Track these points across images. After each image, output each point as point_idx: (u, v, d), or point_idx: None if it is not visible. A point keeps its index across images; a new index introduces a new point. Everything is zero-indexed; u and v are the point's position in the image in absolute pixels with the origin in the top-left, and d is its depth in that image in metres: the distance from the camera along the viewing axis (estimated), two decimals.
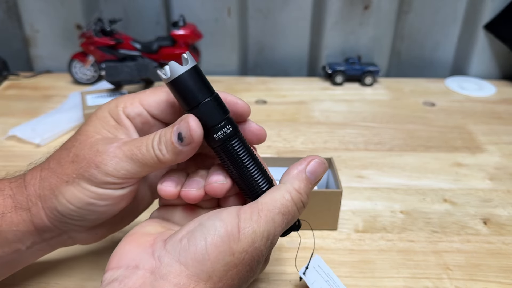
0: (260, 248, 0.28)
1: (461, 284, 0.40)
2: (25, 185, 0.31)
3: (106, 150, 0.29)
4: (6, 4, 0.86)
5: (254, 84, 0.83)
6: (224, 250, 0.26)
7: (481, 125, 0.69)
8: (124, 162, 0.29)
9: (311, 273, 0.39)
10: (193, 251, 0.26)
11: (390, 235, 0.46)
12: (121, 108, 0.31)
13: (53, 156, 0.32)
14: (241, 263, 0.27)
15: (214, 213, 0.28)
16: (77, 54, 0.80)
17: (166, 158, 0.29)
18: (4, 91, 0.79)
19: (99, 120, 0.31)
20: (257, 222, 0.27)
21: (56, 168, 0.31)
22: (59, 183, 0.30)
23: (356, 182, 0.55)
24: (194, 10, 0.84)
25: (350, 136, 0.65)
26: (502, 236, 0.46)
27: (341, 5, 0.83)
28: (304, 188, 0.30)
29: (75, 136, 0.32)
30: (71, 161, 0.30)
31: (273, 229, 0.28)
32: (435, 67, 0.91)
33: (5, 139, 0.63)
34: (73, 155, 0.30)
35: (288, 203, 0.29)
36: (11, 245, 0.31)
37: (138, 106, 0.31)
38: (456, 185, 0.54)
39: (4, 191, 0.31)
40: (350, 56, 0.86)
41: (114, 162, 0.29)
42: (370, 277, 0.41)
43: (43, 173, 0.31)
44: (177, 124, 0.29)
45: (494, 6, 0.81)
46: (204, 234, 0.27)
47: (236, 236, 0.27)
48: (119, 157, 0.29)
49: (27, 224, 0.31)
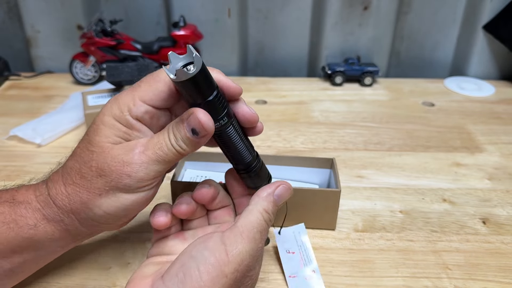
0: (249, 264, 0.31)
1: (460, 284, 0.40)
2: (52, 200, 0.32)
3: (131, 159, 0.31)
4: (7, 4, 0.87)
5: (254, 85, 0.83)
6: (217, 275, 0.29)
7: (480, 125, 0.69)
8: (151, 165, 0.31)
9: (287, 235, 0.43)
10: (189, 281, 0.29)
11: (390, 234, 0.46)
12: (126, 111, 0.31)
13: (71, 170, 0.32)
14: (234, 281, 0.30)
15: (200, 242, 0.31)
16: (78, 55, 0.80)
17: (187, 151, 0.32)
18: (5, 91, 0.79)
19: (109, 128, 0.31)
20: (241, 243, 0.31)
21: (83, 183, 0.32)
22: (92, 197, 0.31)
23: (355, 182, 0.55)
24: (194, 11, 0.84)
25: (349, 136, 0.65)
26: (501, 235, 0.46)
27: (340, 6, 0.83)
28: (272, 209, 0.34)
29: (88, 147, 0.32)
30: (98, 175, 0.31)
31: (255, 246, 0.32)
32: (434, 68, 0.91)
33: (6, 139, 0.63)
34: (97, 168, 0.31)
35: (262, 222, 0.33)
36: (47, 248, 0.34)
37: (141, 104, 0.31)
38: (455, 185, 0.54)
39: (32, 204, 0.33)
40: (349, 56, 0.87)
41: (143, 168, 0.31)
42: (370, 277, 0.41)
43: (69, 189, 0.32)
44: (186, 120, 0.31)
45: (493, 7, 0.81)
46: (196, 265, 0.30)
47: (225, 260, 0.30)
48: (147, 162, 0.31)
49: (61, 232, 0.33)
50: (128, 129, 0.32)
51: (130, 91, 0.32)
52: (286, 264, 0.41)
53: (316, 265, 0.41)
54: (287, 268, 0.40)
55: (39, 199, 0.33)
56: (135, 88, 0.32)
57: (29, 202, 0.33)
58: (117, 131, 0.31)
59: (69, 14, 0.84)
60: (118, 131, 0.31)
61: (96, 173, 0.31)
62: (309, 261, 0.41)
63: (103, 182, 0.31)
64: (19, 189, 0.34)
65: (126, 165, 0.31)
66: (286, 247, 0.42)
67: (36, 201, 0.33)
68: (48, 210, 0.32)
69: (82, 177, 0.32)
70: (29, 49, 0.88)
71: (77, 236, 0.34)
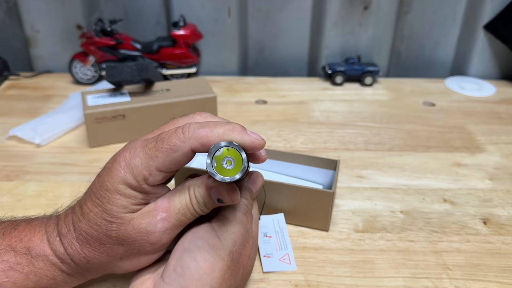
0: (242, 243, 0.33)
1: (460, 284, 0.40)
2: (70, 258, 0.32)
3: (155, 228, 0.31)
4: (7, 4, 0.86)
5: (254, 84, 0.83)
6: (214, 260, 0.30)
7: (481, 125, 0.69)
8: (174, 230, 0.32)
9: (266, 221, 0.46)
10: (189, 273, 0.30)
11: (390, 235, 0.46)
12: (143, 182, 0.30)
13: (87, 235, 0.31)
14: (232, 262, 0.31)
15: (191, 234, 0.32)
16: (78, 54, 0.80)
17: (206, 212, 0.32)
18: (4, 91, 0.79)
19: (126, 198, 0.30)
20: (230, 226, 0.32)
21: (102, 249, 0.31)
22: (113, 261, 0.32)
23: (356, 182, 0.55)
24: (194, 10, 0.84)
25: (350, 136, 0.65)
26: (501, 236, 0.46)
27: (340, 6, 0.83)
28: (249, 194, 0.36)
29: (105, 217, 0.30)
30: (119, 243, 0.31)
31: (243, 226, 0.33)
32: (435, 67, 0.91)
33: (5, 139, 0.63)
34: (117, 238, 0.31)
35: (243, 206, 0.34)
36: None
37: (158, 174, 0.30)
38: (456, 185, 0.54)
39: (49, 258, 0.32)
40: (350, 56, 0.87)
41: (166, 234, 0.31)
42: (370, 277, 0.41)
43: (86, 251, 0.31)
44: (213, 189, 0.31)
45: (494, 6, 0.81)
46: (191, 255, 0.30)
47: (219, 244, 0.31)
48: (170, 228, 0.31)
49: (80, 279, 0.34)
50: (146, 195, 0.31)
51: (144, 158, 0.30)
52: (262, 245, 0.43)
53: (291, 250, 0.43)
54: (263, 249, 0.43)
55: (56, 254, 0.32)
56: (150, 156, 0.30)
57: (46, 255, 0.32)
58: (134, 200, 0.30)
59: (68, 13, 0.84)
60: (135, 199, 0.30)
61: (117, 241, 0.31)
62: (284, 247, 0.43)
63: (124, 249, 0.31)
64: (33, 236, 0.32)
65: (150, 234, 0.30)
66: (264, 231, 0.45)
67: (53, 255, 0.32)
68: (66, 266, 0.32)
69: (101, 243, 0.31)
70: (28, 49, 0.88)
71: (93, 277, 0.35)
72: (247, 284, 0.39)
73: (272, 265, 0.42)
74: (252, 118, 0.70)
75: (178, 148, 0.29)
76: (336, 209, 0.49)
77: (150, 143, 0.30)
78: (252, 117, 0.70)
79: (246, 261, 0.33)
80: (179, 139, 0.29)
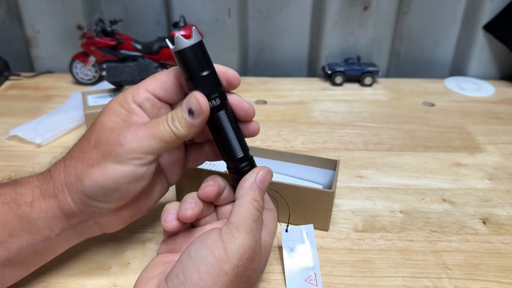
0: (250, 257, 0.31)
1: (460, 284, 0.40)
2: (50, 175, 0.34)
3: (127, 131, 0.32)
4: (7, 4, 0.87)
5: (254, 85, 0.83)
6: (217, 274, 0.30)
7: (480, 125, 0.69)
8: (146, 139, 0.32)
9: (294, 233, 0.42)
10: (190, 283, 0.29)
11: (390, 234, 0.46)
12: (130, 98, 0.34)
13: (74, 148, 0.35)
14: (236, 277, 0.30)
15: (199, 240, 0.32)
16: (78, 55, 0.80)
17: (181, 133, 0.33)
18: (5, 91, 0.79)
19: (112, 111, 0.34)
20: (239, 238, 0.31)
21: (79, 157, 0.33)
22: (85, 168, 0.33)
23: (355, 182, 0.55)
24: (194, 11, 0.84)
25: (349, 136, 0.65)
26: (501, 235, 0.46)
27: (340, 6, 0.83)
28: (259, 195, 0.34)
29: (92, 127, 0.34)
30: (94, 146, 0.33)
31: (253, 237, 0.32)
32: (434, 68, 0.91)
33: (6, 139, 0.63)
34: (94, 141, 0.33)
35: (254, 211, 0.33)
36: (41, 232, 0.34)
37: (144, 92, 0.34)
38: (455, 185, 0.54)
39: (32, 183, 0.35)
40: (349, 56, 0.87)
41: (137, 140, 0.32)
42: (370, 277, 0.41)
43: (67, 163, 0.34)
44: (186, 102, 0.32)
45: (493, 7, 0.81)
46: (195, 265, 0.30)
47: (224, 257, 0.30)
48: (141, 135, 0.32)
49: (54, 210, 0.34)
50: (129, 113, 0.34)
51: (138, 84, 0.35)
52: (288, 261, 0.40)
53: (319, 269, 0.40)
54: (288, 266, 0.40)
55: (39, 178, 0.35)
56: (142, 81, 0.35)
57: (29, 182, 0.35)
58: (118, 113, 0.34)
59: (69, 14, 0.84)
60: (120, 114, 0.34)
61: (93, 145, 0.33)
62: (312, 265, 0.40)
63: (97, 152, 0.33)
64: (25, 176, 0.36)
65: (122, 135, 0.32)
66: (290, 245, 0.41)
67: (36, 179, 0.35)
68: (45, 186, 0.34)
69: (81, 151, 0.34)
70: (29, 49, 0.88)
71: (70, 218, 0.34)
72: None
73: (295, 285, 0.39)
74: None
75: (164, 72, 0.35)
76: (336, 209, 0.50)
77: None
78: None
79: (251, 274, 0.32)
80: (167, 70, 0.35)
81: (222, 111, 0.34)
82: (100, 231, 0.37)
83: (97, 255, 0.42)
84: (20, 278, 0.37)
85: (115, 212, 0.35)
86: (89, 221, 0.35)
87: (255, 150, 0.51)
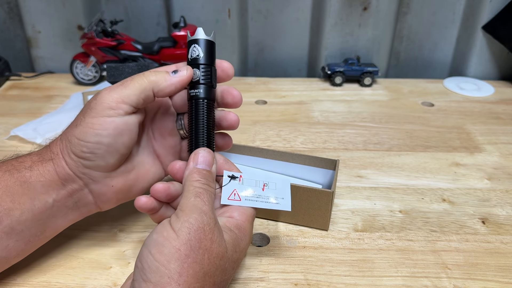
0: (200, 227, 0.32)
1: (459, 283, 0.40)
2: (49, 145, 0.38)
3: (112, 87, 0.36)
4: (8, 5, 0.87)
5: (254, 85, 0.84)
6: (169, 251, 0.30)
7: (480, 125, 0.69)
8: (118, 90, 0.36)
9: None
10: (147, 267, 0.30)
11: (389, 234, 0.46)
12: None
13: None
14: (191, 250, 0.31)
15: (151, 232, 0.33)
16: (79, 55, 0.80)
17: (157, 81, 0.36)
18: (6, 92, 0.79)
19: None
20: (183, 216, 0.32)
21: (70, 126, 0.37)
22: (72, 130, 0.36)
23: (355, 181, 0.55)
24: (194, 11, 0.84)
25: (349, 136, 0.66)
26: (500, 235, 0.46)
27: (340, 6, 0.84)
28: (199, 175, 0.35)
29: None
30: (82, 114, 0.36)
31: (199, 209, 0.33)
32: (433, 68, 0.91)
33: (7, 139, 0.63)
34: (85, 108, 0.37)
35: (195, 189, 0.34)
36: (40, 197, 0.36)
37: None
38: (455, 185, 0.55)
39: (32, 153, 0.38)
40: (349, 57, 0.87)
41: (111, 93, 0.36)
42: (369, 276, 0.41)
43: (62, 135, 0.38)
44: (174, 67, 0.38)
45: (493, 7, 0.81)
46: (148, 249, 0.31)
47: (173, 235, 0.31)
48: (114, 88, 0.36)
49: (52, 174, 0.36)
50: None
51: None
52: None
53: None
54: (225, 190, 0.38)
55: (39, 150, 0.38)
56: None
57: (30, 153, 0.38)
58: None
59: (69, 14, 0.84)
60: None
61: (82, 112, 0.37)
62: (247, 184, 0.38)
63: (80, 114, 0.36)
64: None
65: (98, 95, 0.36)
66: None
67: (36, 152, 0.38)
68: (43, 154, 0.37)
69: (72, 122, 0.37)
70: (29, 50, 0.88)
71: (65, 183, 0.37)
72: (247, 283, 0.40)
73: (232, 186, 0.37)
74: (252, 118, 0.70)
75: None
76: (335, 209, 0.50)
77: None
78: (252, 117, 0.71)
79: (209, 244, 0.32)
80: None
81: (202, 103, 0.38)
82: (95, 206, 0.39)
83: (97, 255, 0.43)
84: (21, 258, 0.37)
85: (107, 179, 0.38)
86: (84, 190, 0.38)
87: (255, 150, 0.51)
